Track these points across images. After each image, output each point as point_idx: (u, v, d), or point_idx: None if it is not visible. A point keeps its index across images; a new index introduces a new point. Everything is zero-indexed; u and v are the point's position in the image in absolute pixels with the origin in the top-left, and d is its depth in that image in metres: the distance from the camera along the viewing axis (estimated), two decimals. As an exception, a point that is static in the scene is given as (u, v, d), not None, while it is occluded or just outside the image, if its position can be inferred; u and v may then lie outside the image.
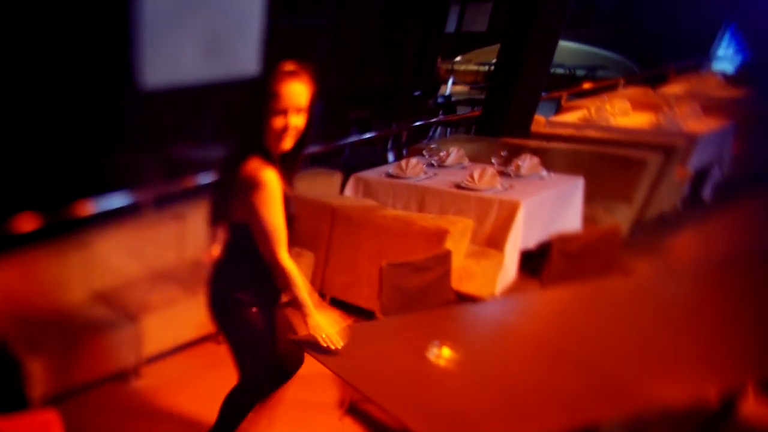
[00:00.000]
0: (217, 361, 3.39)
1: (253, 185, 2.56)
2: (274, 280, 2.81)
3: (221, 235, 2.98)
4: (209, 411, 3.41)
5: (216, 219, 2.97)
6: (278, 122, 2.55)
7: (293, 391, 4.14)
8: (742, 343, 2.88)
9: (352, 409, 3.97)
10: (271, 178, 2.55)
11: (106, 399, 4.26)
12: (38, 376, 3.91)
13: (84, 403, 4.18)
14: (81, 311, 4.38)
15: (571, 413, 2.38)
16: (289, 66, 2.54)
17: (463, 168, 5.78)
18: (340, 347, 2.69)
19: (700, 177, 6.95)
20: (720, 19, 11.92)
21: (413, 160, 5.65)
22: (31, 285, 4.30)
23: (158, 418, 4.05)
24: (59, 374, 4.01)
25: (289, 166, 2.76)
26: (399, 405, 2.45)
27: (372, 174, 5.83)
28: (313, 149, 6.85)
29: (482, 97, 10.69)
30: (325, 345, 2.69)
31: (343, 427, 3.87)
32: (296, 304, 2.73)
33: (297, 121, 2.57)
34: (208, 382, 3.58)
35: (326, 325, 2.71)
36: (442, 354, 2.75)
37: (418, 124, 8.53)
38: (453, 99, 11.00)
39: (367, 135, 7.63)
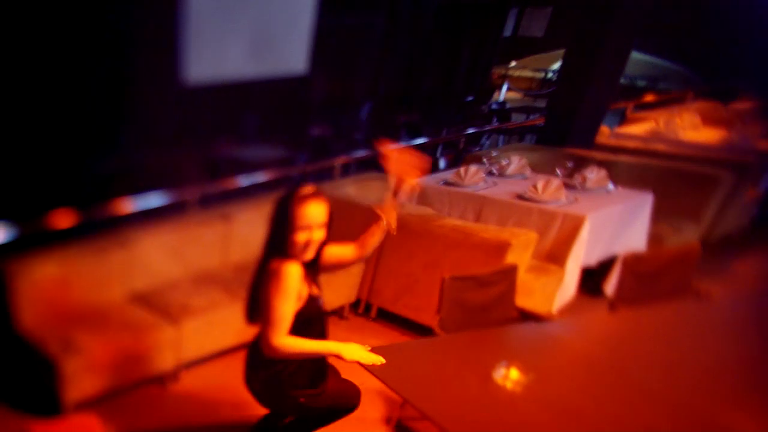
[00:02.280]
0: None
1: (272, 275, 2.81)
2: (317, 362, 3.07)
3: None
4: (247, 418, 3.43)
5: (251, 317, 3.15)
6: (301, 237, 2.80)
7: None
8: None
9: (400, 427, 3.80)
10: (290, 272, 2.79)
11: (143, 403, 4.12)
12: (73, 377, 3.76)
13: (119, 406, 4.03)
14: (119, 312, 4.23)
15: None
16: (306, 190, 2.83)
17: (525, 178, 5.53)
18: (382, 362, 2.76)
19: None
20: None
21: (472, 168, 5.41)
22: (68, 283, 4.14)
23: (196, 424, 3.92)
24: (95, 376, 3.86)
25: (313, 270, 2.99)
26: (457, 425, 2.41)
27: (428, 180, 5.60)
28: (361, 154, 6.68)
29: (536, 104, 10.45)
30: (370, 365, 2.78)
31: (389, 443, 3.72)
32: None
33: (318, 235, 2.82)
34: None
35: (361, 353, 2.80)
36: (510, 376, 2.68)
37: (471, 132, 8.26)
38: (507, 106, 10.76)
39: (418, 141, 7.39)
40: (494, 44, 10.70)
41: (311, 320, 2.92)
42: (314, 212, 2.79)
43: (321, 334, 3.02)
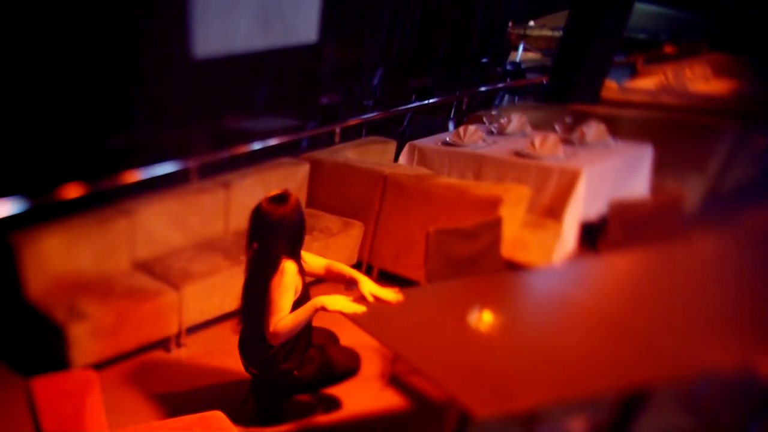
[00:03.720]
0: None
1: (275, 268, 3.12)
2: (306, 335, 3.35)
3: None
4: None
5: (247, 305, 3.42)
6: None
7: (337, 360, 4.09)
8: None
9: (394, 381, 3.92)
10: (290, 269, 3.12)
11: (148, 367, 4.27)
12: (80, 342, 3.92)
13: (125, 370, 4.20)
14: (124, 279, 4.37)
15: (614, 377, 2.42)
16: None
17: (525, 136, 5.52)
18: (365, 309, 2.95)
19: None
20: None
21: (471, 128, 5.43)
22: (73, 252, 4.30)
23: (199, 387, 4.04)
24: (101, 341, 4.02)
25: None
26: (441, 371, 2.48)
27: (427, 142, 5.65)
28: (371, 116, 6.72)
29: (555, 63, 10.31)
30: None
31: (383, 397, 3.83)
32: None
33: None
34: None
35: (342, 302, 2.98)
36: (483, 319, 2.76)
37: (482, 90, 8.25)
38: (523, 66, 10.65)
39: (428, 101, 7.41)
40: (509, 4, 10.59)
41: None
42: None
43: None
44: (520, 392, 2.33)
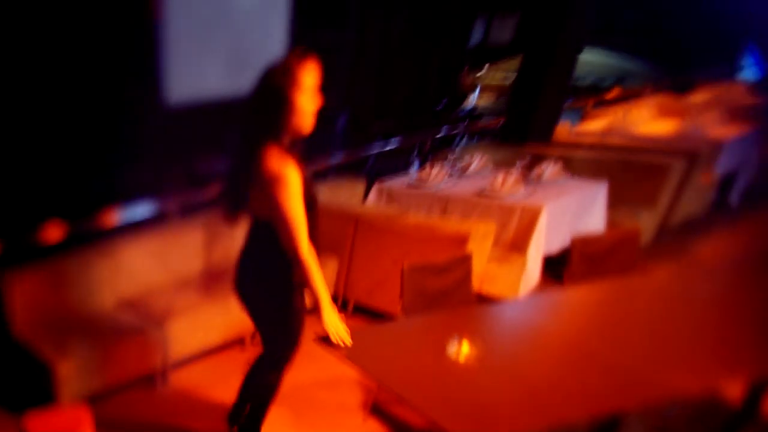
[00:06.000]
0: (241, 366, 3.50)
1: (276, 181, 2.69)
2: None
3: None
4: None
5: (235, 210, 3.09)
6: (305, 103, 2.69)
7: (319, 392, 4.26)
8: (761, 340, 2.90)
9: (376, 410, 4.03)
10: (293, 174, 2.70)
11: (134, 402, 4.33)
12: (67, 379, 3.98)
13: (112, 406, 4.26)
14: (108, 317, 4.48)
15: (589, 405, 2.46)
16: (300, 50, 2.68)
17: (486, 176, 5.80)
18: (349, 344, 2.80)
19: (726, 183, 6.90)
20: (743, 30, 11.89)
21: (435, 169, 5.71)
22: (59, 292, 4.40)
23: (185, 421, 4.12)
24: (87, 378, 4.10)
25: (300, 149, 2.89)
26: (422, 399, 2.53)
27: (395, 182, 5.90)
28: (337, 159, 6.94)
29: (508, 107, 10.72)
30: (335, 341, 2.80)
31: (366, 428, 3.92)
32: (313, 299, 2.88)
33: (317, 101, 2.73)
34: (234, 387, 3.64)
35: (338, 322, 2.83)
36: (462, 350, 2.82)
37: (442, 135, 8.59)
38: (477, 111, 11.05)
39: (392, 143, 7.72)
40: (462, 52, 10.99)
41: (309, 205, 2.89)
42: (314, 72, 2.68)
43: (314, 219, 3.00)
44: (500, 419, 2.42)
